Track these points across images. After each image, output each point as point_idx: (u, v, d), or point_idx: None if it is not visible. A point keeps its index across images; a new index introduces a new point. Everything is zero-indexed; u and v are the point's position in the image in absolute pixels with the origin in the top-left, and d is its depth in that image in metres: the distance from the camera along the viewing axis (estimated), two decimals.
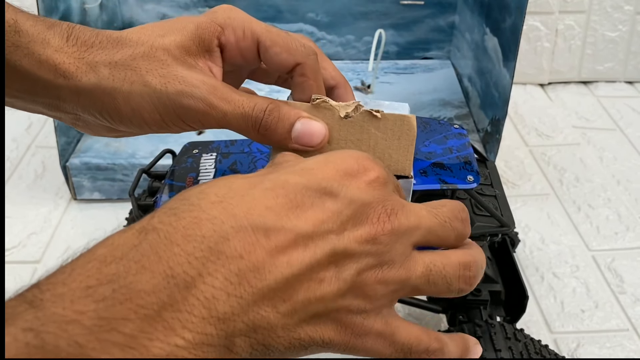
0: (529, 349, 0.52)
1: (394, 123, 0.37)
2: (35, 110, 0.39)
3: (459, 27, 1.06)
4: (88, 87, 0.35)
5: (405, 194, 0.39)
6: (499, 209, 0.55)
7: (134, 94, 0.35)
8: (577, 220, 0.83)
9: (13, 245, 0.78)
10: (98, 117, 0.37)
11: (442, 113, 0.95)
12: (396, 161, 0.38)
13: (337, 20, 1.06)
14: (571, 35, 1.13)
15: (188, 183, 0.56)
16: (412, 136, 0.38)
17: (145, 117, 0.36)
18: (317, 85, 0.39)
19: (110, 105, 0.36)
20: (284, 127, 0.37)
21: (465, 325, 0.55)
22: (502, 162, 0.93)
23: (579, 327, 0.68)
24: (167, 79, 0.36)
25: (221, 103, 0.36)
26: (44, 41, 0.35)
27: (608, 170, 0.93)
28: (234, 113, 0.36)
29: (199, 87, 0.36)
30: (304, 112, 0.37)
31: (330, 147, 0.38)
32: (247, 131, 0.37)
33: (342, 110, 0.37)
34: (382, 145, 0.38)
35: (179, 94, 0.35)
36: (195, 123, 0.37)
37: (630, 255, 0.78)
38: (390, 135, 0.38)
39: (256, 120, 0.36)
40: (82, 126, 0.40)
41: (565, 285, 0.73)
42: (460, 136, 0.54)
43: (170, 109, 0.36)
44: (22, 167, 0.92)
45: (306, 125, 0.37)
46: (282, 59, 0.38)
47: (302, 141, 0.37)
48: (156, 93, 0.35)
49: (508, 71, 0.80)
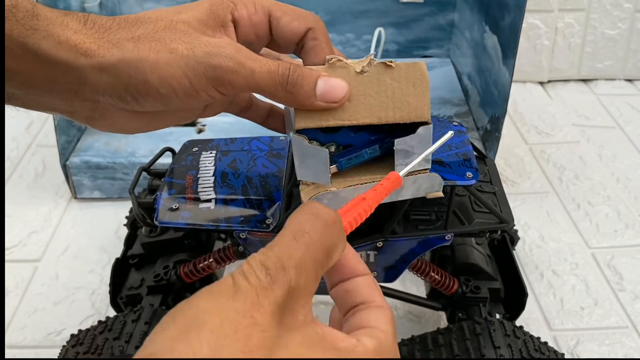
0: (528, 346, 0.52)
1: (407, 71, 0.39)
2: (49, 105, 0.37)
3: (459, 26, 1.06)
4: (112, 61, 0.35)
5: (426, 142, 0.40)
6: (498, 205, 0.55)
7: (161, 62, 0.35)
8: (576, 217, 0.83)
9: (13, 244, 0.78)
10: (123, 96, 0.36)
11: (442, 111, 0.95)
12: (415, 108, 0.39)
13: (336, 18, 1.06)
14: (571, 33, 1.13)
15: (188, 181, 0.56)
16: (425, 81, 0.39)
17: (174, 84, 0.36)
18: (328, 48, 0.41)
19: (137, 77, 0.35)
20: (309, 85, 0.37)
21: (464, 322, 0.55)
22: (501, 160, 0.93)
23: (579, 325, 0.68)
24: (193, 44, 0.36)
25: (249, 61, 0.36)
26: (62, 24, 0.34)
27: (607, 168, 0.93)
28: (261, 70, 0.37)
29: (226, 47, 0.36)
30: (322, 72, 0.38)
31: (351, 104, 0.39)
32: (275, 90, 0.37)
33: (357, 66, 0.39)
34: (399, 94, 0.39)
35: (208, 55, 0.36)
36: (224, 85, 0.37)
37: (629, 252, 0.78)
38: (405, 83, 0.39)
39: (282, 77, 0.37)
40: (98, 117, 0.39)
41: (565, 282, 0.73)
42: (459, 133, 0.54)
43: (200, 72, 0.36)
44: (22, 166, 0.92)
45: (328, 82, 0.38)
46: (294, 26, 0.40)
47: (327, 97, 0.38)
48: (184, 58, 0.36)
49: (507, 69, 0.80)
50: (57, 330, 0.67)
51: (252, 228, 0.51)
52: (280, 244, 0.27)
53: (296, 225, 0.28)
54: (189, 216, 0.52)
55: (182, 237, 0.62)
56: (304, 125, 0.39)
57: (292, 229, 0.28)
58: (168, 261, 0.61)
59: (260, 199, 0.53)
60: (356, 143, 0.42)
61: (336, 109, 0.39)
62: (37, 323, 0.68)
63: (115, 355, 0.51)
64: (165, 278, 0.59)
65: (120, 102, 0.37)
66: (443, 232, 0.51)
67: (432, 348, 0.54)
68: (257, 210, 0.52)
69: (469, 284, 0.59)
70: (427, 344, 0.55)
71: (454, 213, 0.53)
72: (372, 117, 0.39)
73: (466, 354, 0.52)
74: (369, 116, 0.39)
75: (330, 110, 0.38)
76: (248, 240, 0.52)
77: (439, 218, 0.53)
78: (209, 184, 0.55)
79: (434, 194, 0.44)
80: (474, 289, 0.59)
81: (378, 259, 0.53)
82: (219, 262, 0.58)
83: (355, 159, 0.42)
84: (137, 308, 0.56)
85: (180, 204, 0.53)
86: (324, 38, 0.41)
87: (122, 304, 0.61)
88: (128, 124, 0.40)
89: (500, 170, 0.91)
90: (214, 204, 0.53)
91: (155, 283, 0.59)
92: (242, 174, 0.56)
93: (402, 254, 0.53)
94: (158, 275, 0.59)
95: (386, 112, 0.39)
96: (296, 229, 0.28)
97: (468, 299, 0.59)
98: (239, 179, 0.55)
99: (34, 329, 0.67)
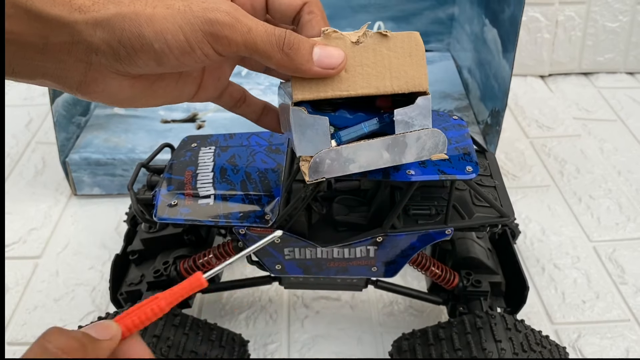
0: (530, 339, 0.52)
1: (403, 41, 0.39)
2: (41, 70, 0.36)
3: (459, 19, 1.06)
4: (107, 16, 0.35)
5: (426, 114, 0.40)
6: (498, 199, 0.54)
7: (157, 16, 0.35)
8: (577, 211, 0.83)
9: (14, 241, 0.78)
10: (116, 51, 0.36)
11: (442, 105, 0.95)
12: (412, 77, 0.39)
13: (336, 12, 1.06)
14: (571, 26, 1.12)
15: (187, 177, 0.56)
16: (421, 51, 0.39)
17: (169, 39, 0.36)
18: (324, 20, 0.41)
19: (131, 31, 0.35)
20: (306, 49, 0.37)
21: (465, 316, 0.55)
22: (502, 154, 0.93)
23: (580, 318, 0.68)
24: (189, 1, 0.36)
25: (245, 18, 0.37)
26: None
27: (609, 161, 0.93)
28: (257, 29, 0.37)
29: (223, 4, 0.36)
30: (318, 40, 0.38)
31: (348, 74, 0.39)
32: (272, 51, 0.37)
33: (353, 37, 0.38)
34: (396, 64, 0.39)
35: (205, 10, 0.36)
36: (220, 41, 0.36)
37: (631, 245, 0.77)
38: (401, 53, 0.39)
39: (279, 37, 0.37)
40: (90, 82, 0.38)
41: (566, 276, 0.73)
42: (459, 127, 0.54)
43: (196, 27, 0.36)
44: (22, 164, 0.92)
45: (324, 49, 0.38)
46: (291, 0, 0.40)
47: (324, 63, 0.38)
48: (180, 13, 0.36)
49: (507, 62, 0.80)
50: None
51: (251, 224, 0.51)
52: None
53: None
54: (188, 212, 0.52)
55: (182, 232, 0.62)
56: (302, 97, 0.39)
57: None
58: (168, 257, 0.61)
59: (259, 194, 0.53)
60: (354, 124, 0.42)
61: (333, 80, 0.38)
62: (38, 320, 0.68)
63: None
64: (165, 274, 0.59)
65: (113, 60, 0.36)
66: (443, 226, 0.51)
67: (433, 342, 0.54)
68: (256, 206, 0.52)
69: (470, 278, 0.59)
70: (428, 338, 0.55)
71: (454, 207, 0.53)
72: (370, 87, 0.39)
73: (467, 348, 0.52)
74: (366, 86, 0.39)
75: (327, 80, 0.38)
76: (247, 235, 0.51)
77: (439, 212, 0.52)
78: (207, 179, 0.55)
79: (438, 155, 0.43)
80: (474, 282, 0.59)
81: (378, 254, 0.53)
82: (218, 257, 0.58)
83: (354, 133, 0.41)
84: None
85: (179, 200, 0.53)
86: (319, 12, 0.41)
87: (122, 300, 0.60)
88: (120, 91, 0.39)
89: (501, 164, 0.91)
90: (213, 199, 0.53)
91: (155, 279, 0.59)
92: (241, 169, 0.56)
93: (402, 249, 0.53)
94: (158, 271, 0.59)
95: (384, 81, 0.39)
96: None
97: (469, 292, 0.59)
98: (238, 175, 0.55)
99: (34, 325, 0.67)
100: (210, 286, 0.64)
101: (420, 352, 0.54)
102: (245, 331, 0.65)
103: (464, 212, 0.53)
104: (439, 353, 0.53)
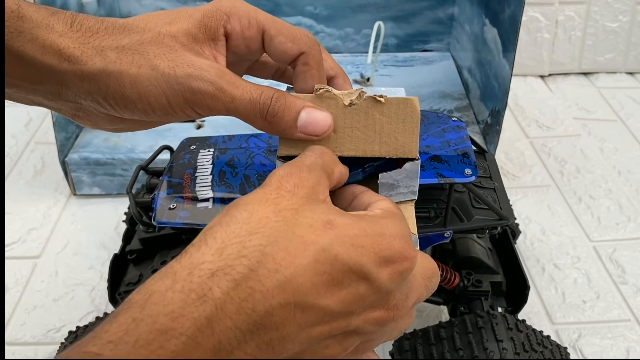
0: (531, 339, 0.52)
1: (398, 107, 0.38)
2: (35, 101, 0.38)
3: (459, 19, 1.05)
4: (94, 71, 0.35)
5: (413, 176, 0.39)
6: (497, 201, 0.54)
7: (141, 77, 0.35)
8: (578, 211, 0.83)
9: (13, 241, 0.78)
10: (102, 104, 0.36)
11: (442, 105, 0.95)
12: (402, 144, 0.38)
13: (335, 13, 1.06)
14: (571, 26, 1.12)
15: (185, 180, 0.55)
16: (416, 118, 0.38)
17: (152, 101, 0.36)
18: (319, 75, 0.39)
19: (116, 89, 0.35)
20: (290, 116, 0.37)
21: (466, 316, 0.55)
22: (502, 154, 0.93)
23: (580, 318, 0.68)
24: (176, 62, 0.36)
25: (230, 87, 0.36)
26: (47, 26, 0.34)
27: (609, 161, 0.93)
28: (242, 98, 0.36)
29: (208, 71, 0.36)
30: (308, 102, 0.37)
31: (337, 136, 0.38)
32: (254, 118, 0.37)
33: (346, 98, 0.38)
34: (387, 130, 0.38)
35: (188, 77, 0.35)
36: (202, 108, 0.36)
37: (631, 245, 0.77)
38: (395, 118, 0.38)
39: (263, 106, 0.36)
40: (83, 117, 0.39)
41: (567, 276, 0.73)
42: (458, 129, 0.54)
43: (179, 93, 0.36)
44: (21, 163, 0.92)
45: (311, 114, 0.37)
46: (287, 47, 0.38)
47: (307, 130, 0.37)
48: (164, 77, 0.35)
49: (508, 62, 0.80)
50: (56, 327, 0.67)
51: None
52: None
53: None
54: (187, 216, 0.52)
55: (180, 232, 0.61)
56: (287, 153, 0.38)
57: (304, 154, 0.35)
58: (166, 257, 0.60)
59: None
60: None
61: (320, 140, 0.38)
62: (37, 320, 0.68)
63: None
64: None
65: (100, 107, 0.37)
66: (442, 229, 0.51)
67: (435, 342, 0.54)
68: None
69: (471, 278, 0.59)
70: (429, 337, 0.55)
71: (453, 210, 0.53)
72: (357, 150, 0.38)
73: (468, 347, 0.52)
74: (353, 149, 0.38)
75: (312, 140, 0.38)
76: None
77: (438, 215, 0.52)
78: (206, 182, 0.54)
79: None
80: (475, 282, 0.59)
81: None
82: None
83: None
84: None
85: (178, 204, 0.53)
86: (315, 64, 0.39)
87: (121, 300, 0.60)
88: (111, 125, 0.40)
89: (501, 164, 0.91)
90: (211, 203, 0.52)
91: None
92: (240, 172, 0.55)
93: None
94: (156, 271, 0.59)
95: (372, 146, 0.38)
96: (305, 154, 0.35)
97: (470, 292, 0.59)
98: (237, 177, 0.55)
99: (33, 325, 0.67)
100: None
101: (422, 351, 0.54)
102: None
103: (463, 215, 0.52)
104: (440, 353, 0.53)
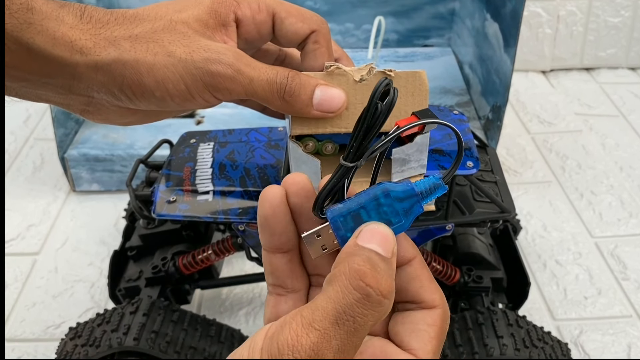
0: (532, 335, 0.52)
1: (407, 80, 0.38)
2: (43, 97, 0.37)
3: (460, 14, 1.05)
4: (107, 61, 0.34)
5: (423, 149, 0.39)
6: (499, 195, 0.54)
7: (158, 64, 0.35)
8: (579, 207, 0.83)
9: (12, 237, 0.78)
10: (117, 95, 0.36)
11: (443, 101, 0.95)
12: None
13: (336, 8, 1.05)
14: (573, 21, 1.11)
15: (185, 173, 0.55)
16: (425, 91, 0.39)
17: (170, 88, 0.36)
18: (329, 53, 0.40)
19: (132, 78, 0.35)
20: (306, 94, 0.37)
21: (467, 312, 0.54)
22: (503, 150, 0.92)
23: (582, 314, 0.68)
24: (192, 48, 0.36)
25: (247, 69, 0.36)
26: (57, 18, 0.34)
27: (610, 157, 0.92)
28: (259, 79, 0.36)
29: (226, 54, 0.36)
30: (320, 79, 0.38)
31: (348, 112, 0.38)
32: (272, 98, 0.37)
33: (356, 74, 0.38)
34: (397, 103, 0.38)
35: (206, 61, 0.35)
36: (221, 92, 0.36)
37: (633, 241, 0.77)
38: (404, 92, 0.38)
39: (280, 86, 0.37)
40: (93, 111, 0.38)
41: (568, 272, 0.73)
42: (460, 122, 0.53)
43: (198, 77, 0.35)
44: (20, 160, 0.91)
45: (325, 91, 0.37)
46: (298, 27, 0.39)
47: (323, 107, 0.37)
48: (182, 62, 0.35)
49: (509, 57, 0.79)
50: (56, 324, 0.67)
51: (250, 220, 0.50)
52: (322, 325, 0.25)
53: (343, 303, 0.25)
54: (187, 208, 0.51)
55: (180, 228, 0.61)
56: (300, 132, 0.39)
57: (337, 309, 0.25)
58: (166, 253, 0.60)
59: (258, 190, 0.52)
60: None
61: (334, 117, 0.38)
62: (36, 316, 0.67)
63: (112, 347, 0.50)
64: (164, 270, 0.58)
65: (114, 99, 0.37)
66: (444, 222, 0.51)
67: None
68: (255, 202, 0.51)
69: (471, 274, 0.58)
70: None
71: (454, 203, 0.52)
72: None
73: (469, 343, 0.51)
74: None
75: (327, 117, 0.38)
76: (246, 232, 0.51)
77: (439, 208, 0.52)
78: (206, 175, 0.54)
79: (427, 207, 0.42)
80: (476, 278, 0.58)
81: None
82: (217, 254, 0.57)
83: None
84: (135, 300, 0.55)
85: (177, 197, 0.52)
86: (325, 42, 0.40)
87: (121, 296, 0.60)
88: (122, 119, 0.39)
89: (503, 160, 0.90)
90: (211, 196, 0.52)
91: (154, 275, 0.58)
92: (240, 165, 0.55)
93: None
94: (156, 267, 0.59)
95: None
96: (341, 312, 0.25)
97: (470, 288, 0.58)
98: (237, 171, 0.54)
99: (33, 322, 0.67)
100: (209, 282, 0.64)
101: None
102: (245, 327, 0.65)
103: (464, 208, 0.52)
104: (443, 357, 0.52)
